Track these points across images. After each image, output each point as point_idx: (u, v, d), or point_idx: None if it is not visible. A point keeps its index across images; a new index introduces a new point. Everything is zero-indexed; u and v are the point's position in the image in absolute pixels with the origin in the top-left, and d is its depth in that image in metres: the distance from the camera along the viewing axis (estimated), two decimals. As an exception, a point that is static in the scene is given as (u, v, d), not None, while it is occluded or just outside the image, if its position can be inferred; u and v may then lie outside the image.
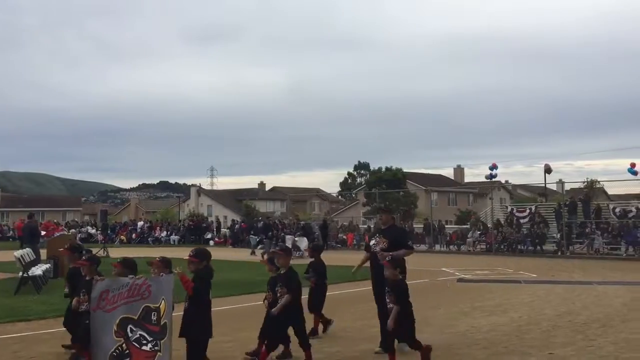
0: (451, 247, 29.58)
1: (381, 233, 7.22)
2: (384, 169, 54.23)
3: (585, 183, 39.81)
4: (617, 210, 26.70)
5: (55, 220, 43.19)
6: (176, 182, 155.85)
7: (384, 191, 43.07)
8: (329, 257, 10.75)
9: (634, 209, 25.90)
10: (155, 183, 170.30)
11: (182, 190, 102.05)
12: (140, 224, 41.50)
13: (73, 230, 35.39)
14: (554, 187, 50.56)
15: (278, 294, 6.50)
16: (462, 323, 8.69)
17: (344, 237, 32.41)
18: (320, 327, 8.03)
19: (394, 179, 50.52)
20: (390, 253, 6.57)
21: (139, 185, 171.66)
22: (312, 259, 8.51)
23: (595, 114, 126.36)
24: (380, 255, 6.68)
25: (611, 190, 45.21)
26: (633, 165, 24.30)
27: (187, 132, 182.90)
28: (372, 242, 7.27)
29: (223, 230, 39.63)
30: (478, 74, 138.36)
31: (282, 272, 6.65)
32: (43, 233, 25.54)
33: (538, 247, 25.85)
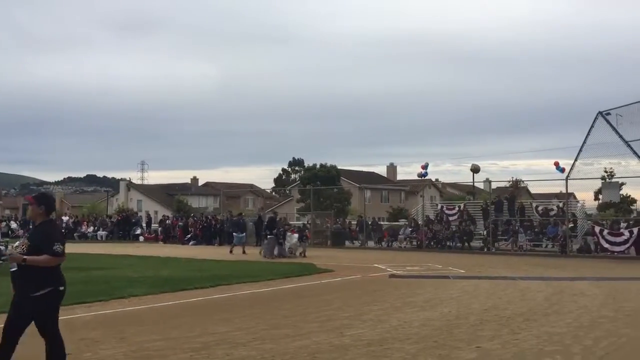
0: (382, 243, 30.09)
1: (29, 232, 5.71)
2: (318, 166, 54.51)
3: (511, 182, 41.41)
4: (540, 208, 28.00)
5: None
6: (104, 176, 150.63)
7: (318, 188, 43.29)
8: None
9: (555, 208, 27.22)
10: (82, 176, 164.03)
11: (111, 184, 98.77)
12: (65, 218, 39.89)
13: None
14: (481, 185, 52.49)
15: None
16: (394, 318, 8.83)
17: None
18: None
19: (329, 175, 50.88)
20: (26, 257, 5.04)
21: (64, 178, 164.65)
22: None
23: (519, 116, 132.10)
24: (11, 257, 5.20)
25: (534, 189, 47.23)
26: (557, 164, 25.53)
27: (116, 125, 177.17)
28: (17, 243, 5.70)
29: (154, 225, 38.71)
30: (410, 75, 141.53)
31: None
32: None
33: (466, 244, 26.73)
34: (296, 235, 23.48)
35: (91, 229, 37.46)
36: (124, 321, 8.50)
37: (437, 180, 61.66)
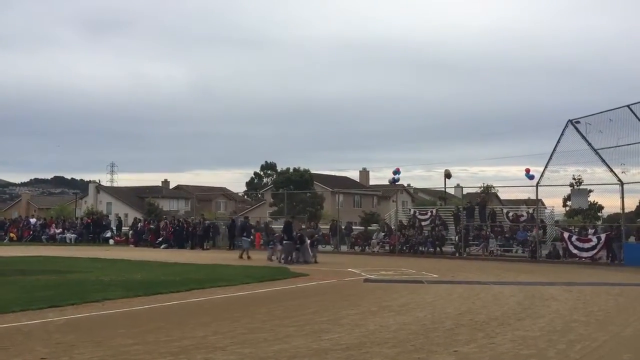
0: (356, 247, 30.20)
1: None
2: (291, 170, 54.53)
3: (482, 188, 41.98)
4: (510, 214, 28.47)
5: None
6: (72, 178, 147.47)
7: (291, 192, 43.28)
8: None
9: (525, 214, 27.70)
10: (49, 178, 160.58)
11: (79, 187, 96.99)
12: (33, 220, 39.08)
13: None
14: (452, 191, 53.11)
15: None
16: (371, 322, 8.88)
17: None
18: None
19: (302, 179, 50.92)
20: None
21: (31, 180, 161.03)
22: None
23: (487, 123, 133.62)
24: None
25: (503, 195, 47.99)
26: (528, 170, 26.00)
27: (86, 126, 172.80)
28: None
29: (124, 228, 38.18)
30: (382, 80, 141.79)
31: None
32: None
33: (438, 249, 27.00)
34: (308, 241, 22.32)
35: (60, 231, 36.74)
36: (99, 325, 8.37)
37: (409, 185, 62.19)
